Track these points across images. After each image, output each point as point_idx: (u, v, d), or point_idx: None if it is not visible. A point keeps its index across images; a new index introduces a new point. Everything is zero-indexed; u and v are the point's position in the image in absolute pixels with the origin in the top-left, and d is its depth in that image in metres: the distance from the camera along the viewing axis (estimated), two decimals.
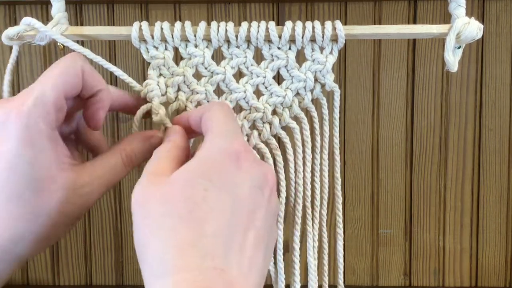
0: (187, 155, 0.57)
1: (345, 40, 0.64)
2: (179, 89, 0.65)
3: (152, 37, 0.64)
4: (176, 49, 0.65)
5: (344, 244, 1.01)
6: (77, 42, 0.66)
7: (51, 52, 0.97)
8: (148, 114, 0.63)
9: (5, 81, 0.66)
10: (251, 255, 0.50)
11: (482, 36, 0.94)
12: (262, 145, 0.65)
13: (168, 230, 0.48)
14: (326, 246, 0.70)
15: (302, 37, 0.63)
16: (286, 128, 0.66)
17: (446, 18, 0.94)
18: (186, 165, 0.51)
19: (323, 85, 0.65)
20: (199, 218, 0.48)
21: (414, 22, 0.96)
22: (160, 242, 0.48)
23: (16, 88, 0.98)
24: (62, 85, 0.55)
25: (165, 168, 0.53)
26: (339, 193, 0.69)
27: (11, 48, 0.67)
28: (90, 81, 0.58)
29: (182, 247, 0.47)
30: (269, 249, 0.53)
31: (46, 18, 0.95)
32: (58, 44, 0.66)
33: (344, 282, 1.02)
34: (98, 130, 0.62)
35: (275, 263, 0.67)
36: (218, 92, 0.65)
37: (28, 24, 0.64)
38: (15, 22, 0.95)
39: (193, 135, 0.62)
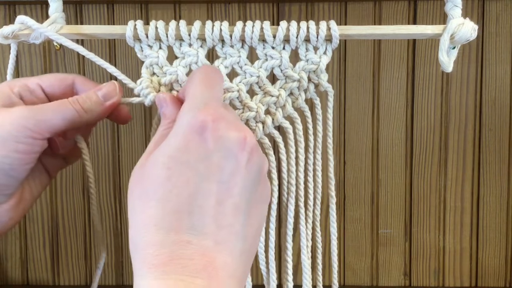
0: None
1: (345, 40, 0.64)
2: (172, 88, 0.65)
3: (147, 36, 0.64)
4: (170, 49, 0.65)
5: (344, 244, 1.02)
6: (76, 41, 0.66)
7: (51, 52, 0.97)
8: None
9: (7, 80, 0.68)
10: (230, 223, 0.51)
11: (482, 36, 0.94)
12: None
13: (138, 211, 0.51)
14: (320, 246, 0.70)
15: (297, 37, 0.63)
16: (279, 128, 0.66)
17: (446, 18, 0.94)
18: (159, 146, 0.53)
19: (317, 85, 0.65)
20: (162, 197, 0.50)
21: (414, 22, 0.96)
22: (132, 223, 0.51)
23: None
24: (42, 78, 0.64)
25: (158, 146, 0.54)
26: (332, 193, 0.68)
27: (10, 48, 0.68)
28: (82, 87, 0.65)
29: (148, 226, 0.50)
30: (252, 213, 0.54)
31: (45, 17, 0.94)
32: (54, 43, 0.66)
33: (344, 282, 1.03)
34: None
35: (266, 262, 0.67)
36: None
37: (23, 22, 0.64)
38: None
39: None
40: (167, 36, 0.64)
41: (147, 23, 0.65)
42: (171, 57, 0.65)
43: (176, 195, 0.50)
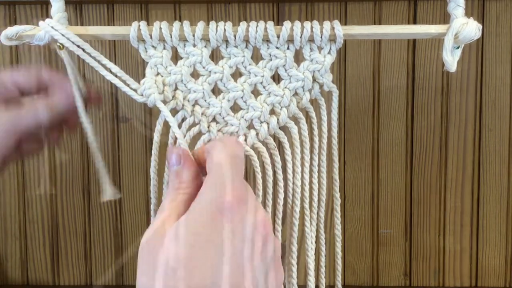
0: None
1: (345, 40, 0.63)
2: (176, 88, 0.65)
3: (151, 37, 0.64)
4: (174, 49, 0.65)
5: (344, 244, 1.02)
6: None
7: (51, 52, 0.97)
8: None
9: None
10: None
11: (482, 36, 0.94)
12: (259, 144, 0.64)
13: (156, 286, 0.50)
14: (324, 248, 0.70)
15: (301, 37, 0.63)
16: (284, 129, 0.65)
17: (446, 18, 0.94)
18: (179, 220, 0.52)
19: (321, 85, 0.65)
20: (183, 276, 0.49)
21: (414, 22, 0.96)
22: None
23: None
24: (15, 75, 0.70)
25: (174, 214, 0.53)
26: (337, 194, 0.68)
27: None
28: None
29: None
30: None
31: (46, 17, 0.94)
32: (57, 43, 0.66)
33: (344, 282, 1.03)
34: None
35: None
36: (216, 91, 0.65)
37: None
38: (15, 22, 0.95)
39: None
40: (171, 37, 0.64)
41: (147, 23, 0.65)
42: (175, 57, 0.65)
43: (198, 275, 0.49)
